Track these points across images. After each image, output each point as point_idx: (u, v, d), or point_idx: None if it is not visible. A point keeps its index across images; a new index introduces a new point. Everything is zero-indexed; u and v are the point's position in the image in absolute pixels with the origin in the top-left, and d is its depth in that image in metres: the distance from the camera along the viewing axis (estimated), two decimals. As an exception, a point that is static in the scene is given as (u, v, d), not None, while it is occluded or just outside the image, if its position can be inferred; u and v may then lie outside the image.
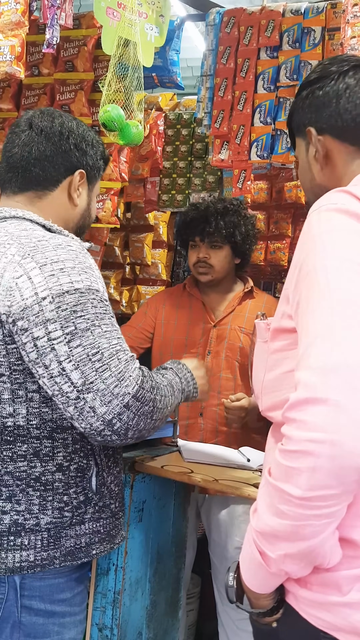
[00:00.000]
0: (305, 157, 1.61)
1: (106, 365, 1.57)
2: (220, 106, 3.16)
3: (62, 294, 1.59)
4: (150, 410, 1.64)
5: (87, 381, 1.55)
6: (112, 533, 1.81)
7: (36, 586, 1.69)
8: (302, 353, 1.24)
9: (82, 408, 1.56)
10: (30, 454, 1.67)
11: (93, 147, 1.95)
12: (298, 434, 1.19)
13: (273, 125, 3.04)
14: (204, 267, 3.06)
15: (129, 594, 2.21)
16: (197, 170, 3.97)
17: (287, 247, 4.26)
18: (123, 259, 4.57)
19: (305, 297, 1.29)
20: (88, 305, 1.61)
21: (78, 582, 1.79)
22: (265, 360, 1.49)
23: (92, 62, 3.26)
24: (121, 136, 2.53)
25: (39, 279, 1.60)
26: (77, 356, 1.56)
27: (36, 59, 3.35)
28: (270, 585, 1.38)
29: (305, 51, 2.94)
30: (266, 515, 1.27)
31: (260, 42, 3.06)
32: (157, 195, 4.08)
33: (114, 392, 1.56)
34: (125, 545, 2.18)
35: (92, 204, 2.00)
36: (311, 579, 1.33)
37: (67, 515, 1.70)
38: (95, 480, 1.75)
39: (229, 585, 1.44)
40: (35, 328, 1.57)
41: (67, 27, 2.47)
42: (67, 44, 3.25)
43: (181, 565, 2.56)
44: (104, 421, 1.57)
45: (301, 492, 1.19)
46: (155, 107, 4.13)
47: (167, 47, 3.39)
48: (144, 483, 2.28)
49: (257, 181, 4.12)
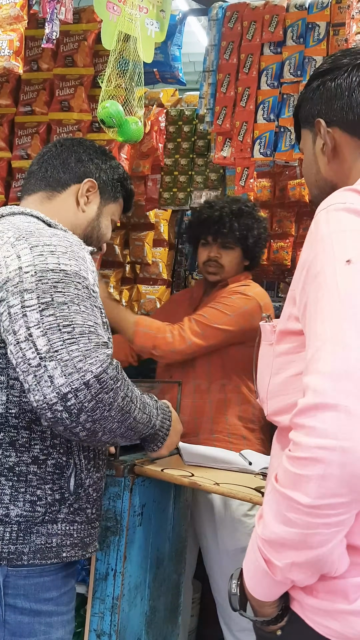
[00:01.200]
0: (311, 150, 1.60)
1: (75, 339, 1.53)
2: (222, 102, 3.17)
3: (46, 270, 1.60)
4: (109, 401, 1.56)
5: (51, 349, 1.51)
6: (85, 541, 1.79)
7: (20, 584, 1.69)
8: (311, 357, 1.23)
9: (40, 377, 1.51)
10: (6, 442, 1.68)
11: (110, 166, 2.09)
12: (307, 440, 1.18)
13: (276, 122, 3.05)
14: (214, 266, 3.09)
15: (127, 600, 2.21)
16: (199, 167, 3.98)
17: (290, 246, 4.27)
18: (123, 258, 4.57)
19: (313, 299, 1.28)
20: (71, 286, 1.60)
21: (65, 580, 1.78)
22: (271, 364, 1.48)
23: (93, 57, 3.26)
24: (120, 133, 2.53)
25: (27, 257, 1.62)
26: (47, 324, 1.53)
27: (35, 53, 3.35)
28: (275, 593, 1.37)
29: (310, 47, 2.95)
30: (273, 523, 1.26)
31: (264, 38, 3.07)
32: (158, 193, 4.08)
33: (77, 365, 1.51)
34: (125, 549, 2.18)
35: (104, 219, 2.08)
36: (318, 586, 1.32)
37: (39, 510, 1.69)
38: (74, 481, 1.74)
39: (232, 592, 1.43)
40: (12, 297, 1.57)
41: (67, 21, 2.47)
42: (67, 38, 3.25)
43: (181, 571, 2.56)
44: (58, 393, 1.50)
45: (310, 500, 1.18)
46: (156, 103, 4.13)
47: (169, 42, 3.39)
48: (144, 486, 2.28)
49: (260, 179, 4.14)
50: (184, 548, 2.59)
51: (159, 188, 4.08)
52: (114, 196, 2.11)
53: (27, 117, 3.38)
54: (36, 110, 3.34)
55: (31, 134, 3.36)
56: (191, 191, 4.00)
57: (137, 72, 2.56)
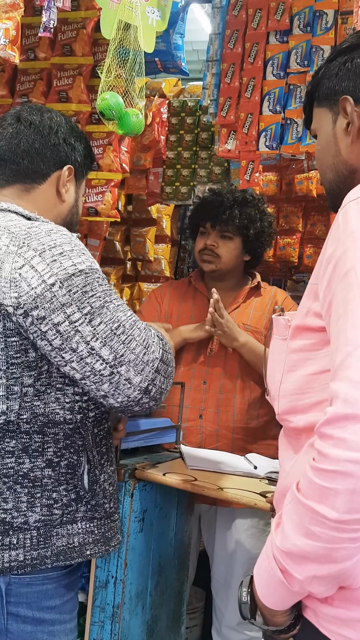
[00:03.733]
0: (330, 130, 1.55)
1: (130, 336, 1.70)
2: (227, 93, 3.17)
3: (69, 277, 1.67)
4: (172, 370, 1.82)
5: (117, 355, 1.67)
6: (107, 535, 1.84)
7: (23, 592, 1.72)
8: (340, 363, 1.21)
9: (117, 382, 1.69)
10: (19, 449, 1.71)
11: (81, 143, 2.03)
12: (336, 452, 1.17)
13: (283, 114, 3.05)
14: (209, 255, 3.05)
15: (128, 608, 2.22)
16: (203, 161, 3.99)
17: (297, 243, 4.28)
18: (124, 255, 4.59)
19: (342, 299, 1.25)
20: (95, 284, 1.70)
21: (68, 588, 1.81)
22: (284, 360, 1.47)
23: (92, 46, 3.27)
24: (120, 125, 2.54)
25: (42, 266, 1.66)
26: (102, 333, 1.66)
27: (32, 42, 3.36)
28: (288, 603, 1.37)
29: (317, 36, 2.95)
30: (294, 534, 1.26)
31: (270, 26, 3.07)
32: (160, 187, 4.09)
33: (144, 359, 1.71)
34: (125, 556, 2.19)
35: (79, 201, 2.07)
36: (333, 594, 1.32)
37: (56, 512, 1.73)
38: (87, 478, 1.79)
39: (243, 601, 1.43)
40: (54, 314, 1.64)
41: (65, 9, 2.48)
42: (65, 26, 3.26)
43: (184, 578, 2.58)
44: (140, 390, 1.72)
45: (338, 515, 1.17)
46: (158, 93, 4.14)
47: (171, 31, 3.40)
48: (145, 491, 2.29)
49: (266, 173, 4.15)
50: (187, 555, 2.60)
51: (161, 182, 4.09)
52: (86, 172, 2.09)
53: (24, 109, 3.39)
54: (33, 101, 3.35)
55: (28, 125, 3.37)
56: (194, 185, 4.01)
57: (138, 61, 2.56)
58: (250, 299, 3.10)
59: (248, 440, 2.94)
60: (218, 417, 2.94)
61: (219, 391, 2.95)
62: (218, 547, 2.99)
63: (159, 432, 2.53)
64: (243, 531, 2.93)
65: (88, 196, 3.31)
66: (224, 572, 2.96)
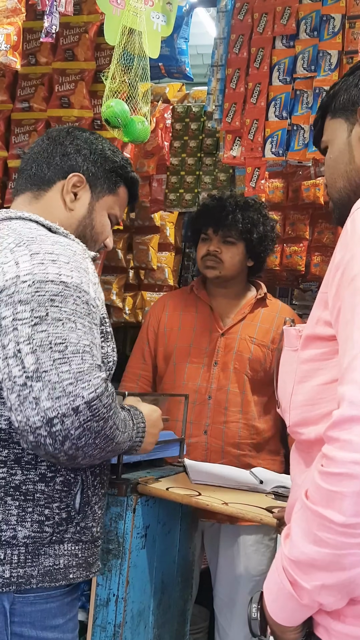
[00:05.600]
0: (345, 139, 1.61)
1: (67, 359, 1.53)
2: (232, 99, 3.19)
3: (46, 281, 1.60)
4: (98, 429, 1.57)
5: (40, 368, 1.52)
6: (89, 560, 1.81)
7: (27, 612, 1.70)
8: (347, 366, 1.24)
9: (25, 397, 1.51)
10: (11, 460, 1.68)
11: (102, 156, 2.02)
12: (342, 455, 1.19)
13: (289, 120, 3.06)
14: (212, 260, 3.05)
15: (130, 627, 2.22)
16: (207, 167, 4.00)
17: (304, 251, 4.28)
18: (126, 263, 4.59)
19: (349, 304, 1.28)
20: (70, 300, 1.61)
21: (70, 607, 1.80)
22: (294, 371, 1.48)
23: (94, 50, 3.29)
24: (125, 133, 2.56)
25: (26, 264, 1.63)
26: (38, 340, 1.53)
27: (33, 46, 3.38)
28: (299, 618, 1.37)
29: (324, 40, 2.97)
30: (302, 542, 1.27)
31: (276, 30, 3.09)
32: (163, 194, 4.10)
33: (66, 389, 1.51)
34: (127, 574, 2.19)
35: (98, 216, 2.02)
36: (345, 610, 1.33)
37: (47, 530, 1.70)
38: (80, 498, 1.76)
39: (253, 617, 1.44)
40: (5, 307, 1.58)
41: (67, 14, 2.50)
42: (67, 30, 3.28)
43: (188, 597, 2.58)
44: (43, 417, 1.51)
45: (345, 518, 1.19)
46: (162, 98, 4.16)
47: (175, 35, 3.42)
48: (148, 506, 2.29)
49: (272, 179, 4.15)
50: (191, 572, 2.60)
51: (164, 189, 4.10)
52: (109, 188, 2.04)
53: (24, 114, 3.41)
54: (34, 107, 3.37)
55: (29, 131, 3.39)
56: (199, 192, 4.01)
57: (142, 66, 2.58)
58: (257, 310, 3.11)
59: (253, 456, 2.95)
60: (224, 433, 2.95)
61: (224, 406, 2.96)
62: (222, 564, 2.99)
63: (162, 446, 2.53)
64: (248, 547, 2.94)
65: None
66: (228, 590, 2.97)
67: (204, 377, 3.00)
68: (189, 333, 3.08)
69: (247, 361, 2.98)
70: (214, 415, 2.95)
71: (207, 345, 3.05)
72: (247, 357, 2.99)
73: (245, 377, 2.98)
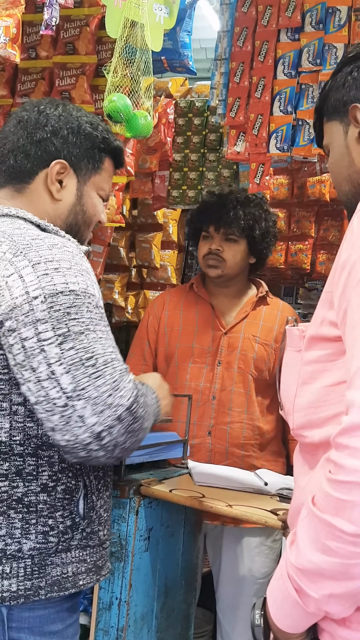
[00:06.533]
0: (342, 141, 1.59)
1: (100, 372, 1.57)
2: (236, 93, 3.18)
3: (56, 294, 1.60)
4: (138, 427, 1.65)
5: (78, 387, 1.55)
6: (98, 564, 1.82)
7: (25, 617, 1.70)
8: (356, 371, 1.22)
9: (69, 417, 1.55)
10: (12, 472, 1.68)
11: (82, 134, 1.92)
12: (352, 462, 1.18)
13: (294, 115, 3.05)
14: (214, 259, 3.04)
15: (133, 631, 2.22)
16: (211, 163, 4.00)
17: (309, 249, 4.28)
18: (129, 261, 4.59)
19: (357, 306, 1.27)
20: (83, 308, 1.62)
21: (70, 612, 1.80)
22: (298, 372, 1.48)
23: (95, 44, 3.27)
24: (128, 128, 2.55)
25: (31, 277, 1.61)
26: (69, 359, 1.56)
27: (33, 40, 3.37)
28: (304, 625, 1.37)
29: (330, 33, 2.95)
30: (309, 550, 1.26)
31: (281, 23, 3.07)
32: (166, 190, 4.10)
33: (107, 401, 1.56)
34: (130, 577, 2.19)
35: (88, 199, 1.96)
36: (351, 616, 1.32)
37: (52, 540, 1.70)
38: (83, 504, 1.76)
39: (256, 624, 1.43)
40: (24, 328, 1.58)
41: (68, 6, 2.49)
42: (67, 24, 3.27)
43: (191, 600, 2.58)
44: (92, 433, 1.56)
45: (355, 528, 1.18)
46: (164, 93, 4.16)
47: (178, 28, 3.40)
48: (151, 509, 2.29)
49: (277, 176, 4.14)
50: (195, 575, 2.60)
51: (167, 185, 4.09)
52: (94, 167, 1.95)
53: (25, 109, 3.41)
54: (35, 102, 3.37)
55: (29, 127, 3.38)
56: (202, 189, 4.00)
57: (145, 60, 2.58)
58: (259, 308, 3.10)
59: (257, 457, 2.94)
60: (228, 434, 2.94)
61: (228, 407, 2.95)
62: (225, 566, 2.99)
63: (165, 447, 2.53)
64: (252, 549, 2.93)
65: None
66: (232, 592, 2.96)
67: (208, 377, 2.99)
68: (191, 332, 3.07)
69: (252, 360, 2.98)
70: (217, 415, 2.95)
71: (209, 345, 3.04)
72: (251, 357, 2.98)
73: (250, 376, 2.97)
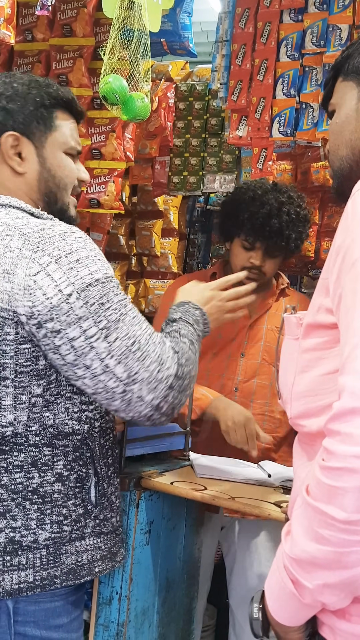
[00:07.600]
0: (353, 105, 1.59)
1: (145, 352, 1.71)
2: (237, 76, 3.16)
3: (86, 287, 1.67)
4: (188, 382, 1.83)
5: (131, 372, 1.69)
6: (113, 550, 1.87)
7: (30, 611, 1.72)
8: (348, 355, 1.23)
9: (129, 399, 1.71)
10: (28, 463, 1.71)
11: (20, 98, 1.87)
12: (343, 448, 1.18)
13: (297, 98, 3.03)
14: (255, 274, 2.95)
15: (134, 626, 2.22)
16: (212, 148, 3.98)
17: (314, 236, 4.25)
18: (129, 249, 4.58)
19: (350, 290, 1.27)
20: (111, 294, 1.71)
21: (75, 606, 1.82)
22: (296, 360, 1.48)
23: (93, 26, 3.27)
24: (124, 110, 2.54)
25: (58, 274, 1.65)
26: (117, 350, 1.68)
27: (29, 22, 3.36)
28: (302, 618, 1.37)
29: (334, 14, 2.93)
30: (303, 540, 1.26)
31: (283, 4, 3.06)
32: (167, 177, 4.09)
33: (157, 377, 1.72)
34: (130, 571, 2.19)
35: (53, 161, 1.91)
36: (350, 609, 1.33)
37: (66, 529, 1.74)
38: (95, 491, 1.81)
39: (254, 617, 1.44)
40: (69, 328, 1.65)
41: (64, -13, 2.48)
42: (64, 5, 3.26)
43: (194, 594, 2.57)
44: (152, 407, 1.74)
45: (346, 515, 1.18)
46: (164, 77, 4.14)
47: (178, 9, 3.39)
48: (152, 501, 2.28)
49: (280, 161, 4.12)
50: (197, 569, 2.60)
51: (167, 172, 4.08)
52: (48, 126, 1.90)
53: (21, 93, 3.39)
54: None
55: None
56: (203, 175, 4.00)
57: (143, 42, 2.56)
58: (280, 300, 3.10)
59: (275, 450, 2.94)
60: None
61: (250, 399, 2.96)
62: (239, 558, 2.99)
63: (166, 438, 2.52)
64: (269, 540, 2.93)
65: (90, 186, 3.30)
66: (245, 585, 2.96)
67: (231, 369, 3.00)
68: None
69: (275, 352, 2.96)
70: None
71: (234, 337, 3.04)
72: (274, 348, 2.98)
73: (274, 368, 2.96)
